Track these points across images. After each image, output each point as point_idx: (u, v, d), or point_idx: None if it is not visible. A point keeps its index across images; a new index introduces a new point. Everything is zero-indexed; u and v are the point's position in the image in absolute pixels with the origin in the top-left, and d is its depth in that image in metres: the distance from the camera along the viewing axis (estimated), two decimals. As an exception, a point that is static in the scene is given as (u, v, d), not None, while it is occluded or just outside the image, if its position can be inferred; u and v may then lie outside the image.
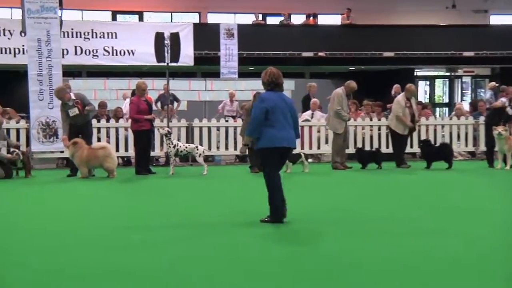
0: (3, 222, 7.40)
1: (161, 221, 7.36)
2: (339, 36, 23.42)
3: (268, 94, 7.30)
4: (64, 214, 7.98)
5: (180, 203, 8.88)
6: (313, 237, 6.50)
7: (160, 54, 14.20)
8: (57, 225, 7.21)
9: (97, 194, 10.11)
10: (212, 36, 20.41)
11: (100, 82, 20.59)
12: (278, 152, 7.21)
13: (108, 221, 7.42)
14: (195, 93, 20.92)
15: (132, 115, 12.85)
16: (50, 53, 13.92)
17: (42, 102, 13.96)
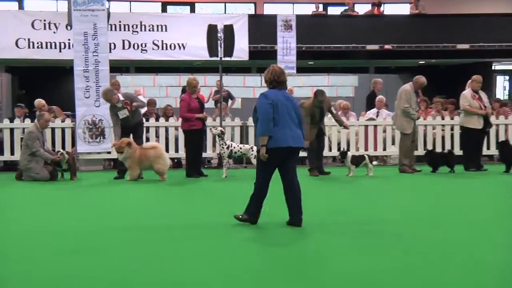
0: (48, 226, 7.55)
1: (212, 231, 7.37)
2: (407, 27, 23.04)
3: (271, 92, 7.47)
4: (113, 219, 8.10)
5: (233, 209, 8.87)
6: (383, 250, 6.40)
7: (213, 48, 14.26)
8: (107, 234, 7.32)
9: (146, 199, 10.23)
10: (269, 28, 20.41)
11: (149, 78, 20.90)
12: (282, 153, 7.36)
13: (158, 232, 7.47)
14: (250, 90, 20.98)
15: (183, 114, 12.96)
16: (97, 48, 14.19)
17: (88, 100, 14.24)
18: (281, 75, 7.54)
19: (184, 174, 12.93)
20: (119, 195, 10.64)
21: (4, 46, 19.76)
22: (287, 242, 6.69)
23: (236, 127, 15.34)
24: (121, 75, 20.71)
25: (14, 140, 14.27)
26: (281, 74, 7.54)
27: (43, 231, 7.23)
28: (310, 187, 11.50)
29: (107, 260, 5.83)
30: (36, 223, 7.77)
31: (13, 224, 7.75)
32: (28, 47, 19.98)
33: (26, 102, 18.93)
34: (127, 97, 12.77)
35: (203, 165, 14.36)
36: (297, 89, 20.48)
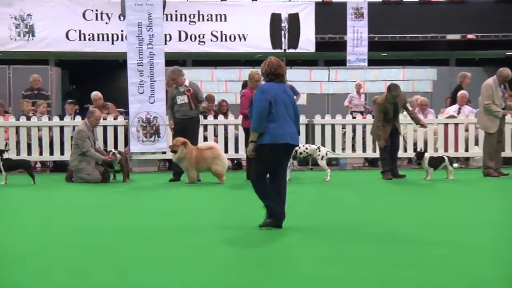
0: (96, 232, 7.69)
1: (278, 238, 7.36)
2: (492, 13, 22.53)
3: (269, 85, 7.63)
4: (166, 223, 8.17)
5: (296, 215, 8.84)
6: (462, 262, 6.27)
7: (276, 39, 14.28)
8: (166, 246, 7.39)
9: (202, 202, 10.28)
10: (338, 17, 20.32)
11: (207, 72, 21.07)
12: (280, 150, 7.53)
13: (228, 240, 7.51)
14: (316, 85, 20.91)
15: (244, 111, 12.98)
16: (152, 39, 14.37)
17: (142, 96, 14.44)
18: (278, 67, 7.66)
19: (244, 176, 12.94)
20: (173, 198, 10.73)
21: (54, 38, 20.29)
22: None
23: (301, 125, 15.21)
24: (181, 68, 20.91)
25: (64, 139, 14.58)
26: (279, 67, 7.67)
27: (91, 235, 7.36)
28: (383, 192, 11.38)
29: (165, 267, 5.89)
30: (85, 227, 7.91)
31: (60, 227, 7.90)
32: (79, 39, 20.45)
33: (76, 98, 19.37)
34: (192, 86, 12.96)
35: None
36: (368, 84, 20.31)
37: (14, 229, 7.88)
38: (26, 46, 20.33)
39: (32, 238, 7.27)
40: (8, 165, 12.43)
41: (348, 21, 19.93)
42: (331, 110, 19.02)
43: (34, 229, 7.80)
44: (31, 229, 7.84)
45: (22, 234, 7.51)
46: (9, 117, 14.96)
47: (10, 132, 14.54)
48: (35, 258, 6.29)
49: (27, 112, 15.15)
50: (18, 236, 7.37)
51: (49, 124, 14.72)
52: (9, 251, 6.57)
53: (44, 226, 8.04)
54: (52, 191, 11.70)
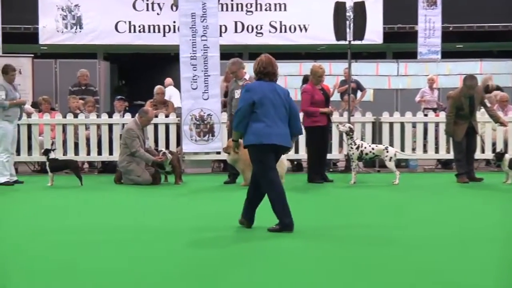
0: (146, 238, 7.76)
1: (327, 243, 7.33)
2: None
3: (255, 84, 7.96)
4: (219, 228, 8.21)
5: (360, 221, 8.78)
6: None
7: (340, 30, 14.18)
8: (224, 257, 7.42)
9: (260, 207, 10.29)
10: (408, 5, 20.11)
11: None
12: (267, 151, 7.79)
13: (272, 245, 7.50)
14: (384, 79, 20.73)
15: (305, 108, 12.97)
16: (206, 31, 14.44)
17: (196, 92, 14.52)
18: (268, 65, 7.94)
19: (305, 179, 12.94)
20: (228, 201, 10.75)
21: (102, 30, 20.58)
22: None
23: (367, 123, 15.19)
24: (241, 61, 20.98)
25: (113, 137, 14.77)
26: (269, 65, 7.94)
27: (140, 239, 7.44)
28: (458, 197, 11.22)
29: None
30: (133, 230, 7.99)
31: (108, 230, 8.00)
32: (129, 31, 20.70)
33: (126, 94, 19.63)
34: (252, 79, 12.92)
35: (328, 168, 14.32)
36: (442, 78, 20.03)
37: (61, 232, 8.01)
38: (73, 38, 20.67)
39: (81, 242, 7.38)
40: (55, 165, 12.65)
41: (419, 9, 19.69)
42: (400, 107, 18.86)
43: (82, 232, 7.92)
44: (79, 232, 7.95)
45: (70, 237, 7.63)
46: (56, 114, 15.23)
47: (56, 130, 14.79)
48: (84, 263, 6.39)
49: (74, 109, 15.39)
50: (67, 240, 7.50)
51: (97, 122, 14.92)
52: (58, 256, 6.69)
53: (92, 230, 8.16)
54: (100, 194, 11.86)
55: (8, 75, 12.72)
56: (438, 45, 19.64)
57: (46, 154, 12.76)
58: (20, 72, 16.33)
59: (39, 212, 9.83)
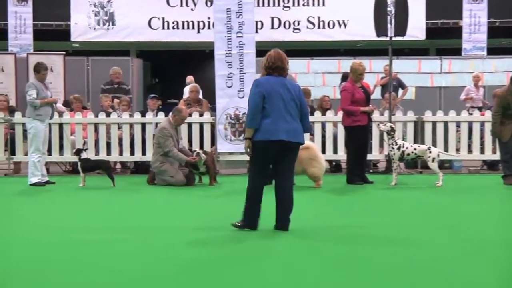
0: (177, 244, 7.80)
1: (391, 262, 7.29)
2: None
3: (264, 79, 8.11)
4: (264, 232, 8.23)
5: (400, 225, 8.73)
6: None
7: (381, 26, 14.11)
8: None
9: (298, 208, 10.27)
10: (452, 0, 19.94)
11: (302, 63, 21.05)
12: (273, 148, 7.90)
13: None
14: (426, 77, 20.60)
15: (344, 107, 12.94)
16: (242, 27, 14.46)
17: (231, 90, 14.55)
18: (277, 60, 8.10)
19: (344, 180, 12.90)
20: (264, 203, 10.76)
21: (135, 27, 20.74)
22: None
23: (409, 122, 15.10)
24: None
25: (146, 137, 14.85)
26: (277, 60, 8.11)
27: (172, 242, 7.48)
28: (504, 199, 11.11)
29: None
30: (166, 233, 8.03)
31: (141, 233, 8.06)
32: (162, 28, 20.84)
33: (159, 92, 19.74)
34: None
35: (368, 169, 14.26)
36: (487, 76, 19.85)
37: (91, 232, 8.08)
38: (106, 35, 20.86)
39: (112, 245, 7.44)
40: (86, 165, 12.76)
41: (464, 3, 19.54)
42: (444, 106, 18.72)
43: (113, 236, 7.97)
44: (110, 235, 8.01)
45: (103, 240, 7.69)
46: (88, 113, 15.34)
47: (88, 129, 14.89)
48: (113, 264, 6.44)
49: (107, 108, 15.51)
50: (95, 240, 7.56)
51: (130, 121, 14.99)
52: (84, 258, 6.75)
53: (122, 230, 8.23)
54: (133, 195, 11.93)
55: (39, 73, 12.85)
56: (484, 41, 19.47)
57: (78, 154, 12.88)
58: (52, 70, 16.53)
59: (70, 213, 9.89)
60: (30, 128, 12.75)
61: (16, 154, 14.76)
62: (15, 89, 17.94)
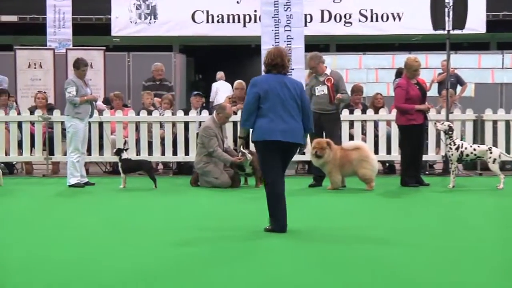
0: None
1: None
2: None
3: (262, 78, 8.33)
4: (312, 237, 8.22)
5: (459, 231, 8.65)
6: None
7: (438, 19, 14.00)
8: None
9: (347, 212, 10.25)
10: (514, -10, 19.71)
11: (354, 59, 20.97)
12: (271, 148, 8.10)
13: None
14: (487, 73, 20.37)
15: (399, 104, 12.85)
16: (290, 21, 14.48)
17: (278, 87, 14.53)
18: (276, 57, 8.22)
19: (398, 182, 12.82)
20: (312, 206, 10.75)
21: (178, 21, 20.87)
22: None
23: (468, 121, 14.95)
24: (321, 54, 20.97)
25: (190, 136, 14.92)
26: (277, 56, 8.22)
27: (216, 248, 7.52)
28: None
29: None
30: (209, 238, 8.07)
31: (185, 238, 8.10)
32: (206, 22, 20.94)
33: (203, 89, 19.82)
34: (334, 75, 12.90)
35: (424, 170, 14.16)
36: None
37: (134, 239, 8.14)
38: (148, 30, 21.02)
39: (154, 251, 7.50)
40: (127, 166, 12.85)
41: (527, -6, 19.29)
42: (505, 103, 18.47)
43: (156, 240, 8.02)
44: (152, 240, 8.06)
45: (146, 245, 7.76)
46: (128, 111, 15.43)
47: (129, 128, 15.00)
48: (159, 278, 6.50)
49: (148, 106, 15.59)
50: (142, 248, 7.63)
51: (172, 119, 15.06)
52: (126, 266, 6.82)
53: (164, 232, 8.31)
54: (175, 197, 12.00)
55: (79, 70, 12.97)
56: (549, 34, 19.20)
57: (118, 154, 12.96)
58: (91, 66, 16.67)
59: (110, 215, 10.00)
60: (69, 126, 12.86)
61: (54, 154, 14.90)
62: (53, 86, 18.11)
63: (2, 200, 11.60)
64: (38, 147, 14.97)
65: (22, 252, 7.40)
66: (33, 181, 14.27)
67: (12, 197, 12.01)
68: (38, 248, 7.58)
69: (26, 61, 18.18)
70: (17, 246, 7.74)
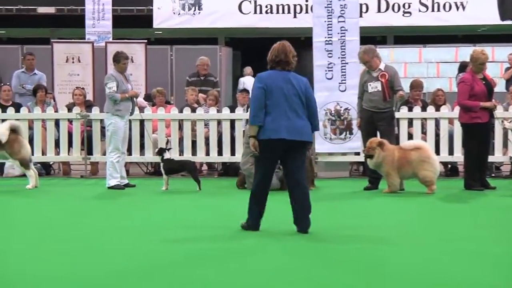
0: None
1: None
2: None
3: (266, 74, 8.55)
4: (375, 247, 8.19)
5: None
6: None
7: (506, 8, 13.86)
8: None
9: (406, 217, 10.18)
10: None
11: (414, 52, 20.83)
12: (275, 147, 8.36)
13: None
14: (560, 66, 20.09)
15: (462, 101, 12.72)
16: (344, 11, 14.40)
17: (331, 82, 14.51)
18: (280, 53, 8.47)
19: (461, 185, 12.71)
20: (367, 211, 10.69)
21: (224, 11, 20.92)
22: None
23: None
24: (376, 48, 20.85)
25: (236, 135, 14.92)
26: (281, 53, 8.47)
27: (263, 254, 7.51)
28: None
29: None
30: (257, 244, 8.08)
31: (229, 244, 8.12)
32: (254, 12, 20.95)
33: (250, 85, 19.78)
34: (389, 71, 12.79)
35: (489, 173, 14.02)
36: None
37: (177, 244, 8.16)
38: (192, 22, 21.08)
39: (197, 256, 7.53)
40: (170, 167, 12.89)
41: None
42: None
43: (201, 245, 8.04)
44: (196, 244, 8.09)
45: (187, 250, 7.79)
46: (171, 108, 15.49)
47: (172, 126, 15.04)
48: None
49: (192, 103, 15.63)
50: (182, 254, 7.66)
51: (217, 117, 15.11)
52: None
53: (212, 242, 8.30)
54: (221, 200, 12.01)
55: (119, 63, 13.01)
56: None
57: (160, 154, 13.01)
58: (132, 60, 16.76)
59: (151, 219, 9.99)
60: (109, 124, 12.94)
61: (93, 153, 15.01)
62: (92, 82, 18.23)
63: (38, 202, 11.74)
64: (76, 147, 15.09)
65: (65, 259, 7.35)
66: (70, 183, 14.43)
67: (49, 199, 12.14)
68: (78, 256, 7.53)
69: (64, 55, 18.32)
70: (57, 253, 7.70)
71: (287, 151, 8.43)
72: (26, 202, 11.77)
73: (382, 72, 12.67)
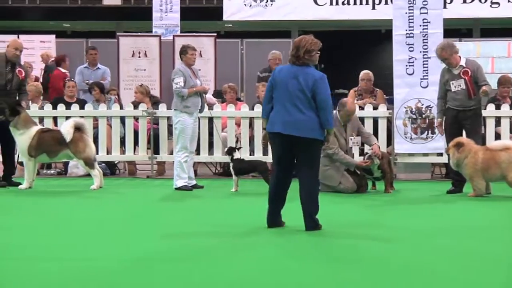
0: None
1: None
2: None
3: (280, 68, 9.19)
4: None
5: None
6: None
7: None
8: None
9: (491, 225, 10.06)
10: None
11: (502, 45, 20.55)
12: (276, 140, 8.82)
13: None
14: None
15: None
16: (426, 2, 14.29)
17: (412, 78, 14.42)
18: (300, 48, 8.67)
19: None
20: (449, 216, 10.59)
21: (298, 3, 20.93)
22: None
23: None
24: (460, 41, 20.68)
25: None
26: (294, 47, 8.74)
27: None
28: None
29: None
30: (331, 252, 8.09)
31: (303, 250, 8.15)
32: (330, 4, 20.92)
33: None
34: (471, 65, 12.60)
35: None
36: None
37: (250, 250, 8.20)
38: (264, 14, 21.12)
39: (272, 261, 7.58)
40: (240, 167, 12.93)
41: None
42: None
43: (271, 251, 8.08)
44: (268, 250, 8.13)
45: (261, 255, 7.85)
46: (242, 105, 15.53)
47: (242, 124, 15.07)
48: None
49: (264, 100, 15.65)
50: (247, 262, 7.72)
51: (290, 115, 15.08)
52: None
53: (284, 248, 8.33)
54: (293, 203, 11.99)
55: (187, 55, 12.98)
56: None
57: (230, 153, 13.03)
58: (201, 54, 16.87)
59: (220, 222, 10.01)
60: (177, 122, 13.00)
61: (160, 153, 15.15)
62: (159, 77, 18.36)
63: (103, 203, 11.89)
64: (142, 145, 15.24)
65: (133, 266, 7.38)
66: (136, 183, 14.60)
67: (113, 200, 12.29)
68: (144, 262, 7.50)
69: (130, 50, 18.54)
70: (124, 258, 7.70)
71: (295, 148, 8.77)
72: (90, 203, 11.93)
73: (464, 69, 12.43)
